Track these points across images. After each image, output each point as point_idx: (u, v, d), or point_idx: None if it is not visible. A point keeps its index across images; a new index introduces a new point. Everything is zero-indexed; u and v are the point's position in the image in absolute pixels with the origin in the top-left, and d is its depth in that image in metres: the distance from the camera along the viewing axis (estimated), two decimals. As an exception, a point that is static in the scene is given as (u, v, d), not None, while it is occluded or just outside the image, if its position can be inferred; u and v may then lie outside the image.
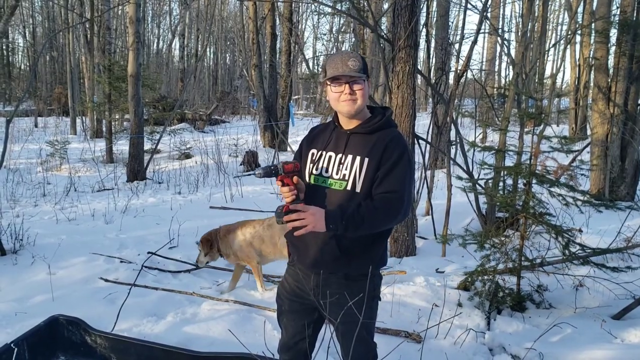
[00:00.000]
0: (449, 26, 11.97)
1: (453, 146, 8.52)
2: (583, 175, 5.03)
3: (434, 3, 10.98)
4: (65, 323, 3.44)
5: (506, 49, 8.95)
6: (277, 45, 15.94)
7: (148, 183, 10.59)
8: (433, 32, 10.87)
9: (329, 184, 2.23)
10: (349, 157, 2.20)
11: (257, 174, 2.15)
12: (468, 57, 6.60)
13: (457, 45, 10.51)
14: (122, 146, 13.85)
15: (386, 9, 11.42)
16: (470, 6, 7.55)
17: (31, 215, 7.39)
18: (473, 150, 4.92)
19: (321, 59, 32.46)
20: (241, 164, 12.38)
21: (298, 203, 2.13)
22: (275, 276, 4.91)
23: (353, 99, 2.17)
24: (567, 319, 3.88)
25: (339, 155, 2.24)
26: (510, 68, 19.75)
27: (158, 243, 5.83)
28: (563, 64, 20.80)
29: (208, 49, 37.06)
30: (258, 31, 14.86)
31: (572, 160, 7.68)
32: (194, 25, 34.61)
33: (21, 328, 3.55)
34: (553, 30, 29.28)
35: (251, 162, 12.20)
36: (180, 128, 18.04)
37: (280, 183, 2.17)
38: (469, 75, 8.28)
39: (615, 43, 8.62)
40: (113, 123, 14.40)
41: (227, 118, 25.33)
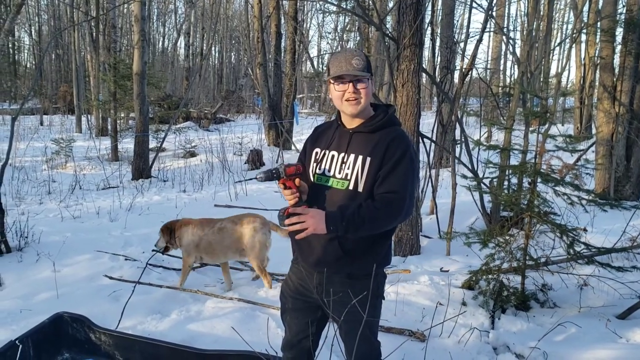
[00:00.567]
0: (454, 25, 11.94)
1: (458, 145, 8.50)
2: (588, 174, 5.01)
3: (439, 1, 10.97)
4: (69, 320, 3.45)
5: (511, 48, 8.92)
6: (282, 43, 15.92)
7: (153, 181, 10.62)
8: (438, 31, 10.86)
9: (332, 184, 2.22)
10: (352, 157, 2.19)
11: (259, 178, 2.16)
12: (473, 56, 6.58)
13: (462, 43, 10.47)
14: (128, 144, 13.89)
15: (391, 8, 11.40)
16: (475, 5, 7.52)
17: (36, 212, 7.42)
18: (478, 149, 4.92)
19: (326, 58, 32.48)
20: (246, 163, 12.39)
21: (300, 205, 2.13)
22: (279, 274, 4.91)
23: (357, 98, 2.16)
24: (572, 319, 3.86)
25: (342, 154, 2.23)
26: (515, 67, 19.70)
27: (162, 241, 5.84)
28: (568, 63, 20.70)
29: (213, 48, 37.16)
30: (263, 30, 14.85)
31: (577, 159, 7.66)
32: (199, 24, 34.66)
33: (26, 325, 3.57)
34: (558, 29, 29.15)
35: (255, 161, 12.21)
36: (185, 126, 18.08)
37: (282, 186, 2.17)
38: (474, 74, 8.25)
39: (621, 42, 8.59)
40: (118, 121, 14.43)
41: (232, 117, 25.35)
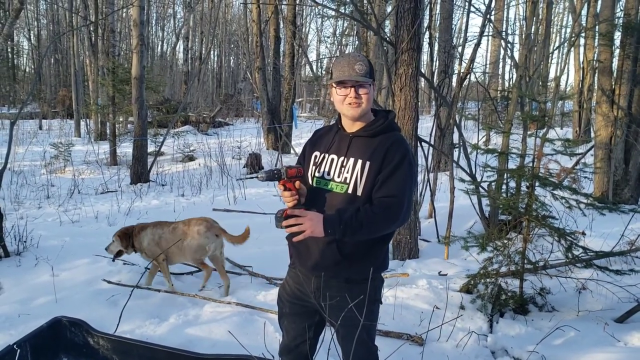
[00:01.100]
0: (452, 29, 11.97)
1: (456, 149, 8.51)
2: (586, 178, 5.02)
3: (437, 6, 10.99)
4: (68, 324, 3.45)
5: (510, 52, 8.94)
6: (281, 48, 15.95)
7: (151, 185, 10.62)
8: (436, 35, 10.88)
9: (331, 187, 2.22)
10: (351, 160, 2.20)
11: (260, 177, 2.16)
12: (471, 60, 6.59)
13: (460, 48, 10.50)
14: (126, 149, 13.89)
15: (389, 12, 11.43)
16: (473, 9, 7.54)
17: (35, 217, 7.41)
18: (476, 152, 4.92)
19: (325, 62, 32.52)
20: (244, 167, 12.40)
21: (299, 208, 2.14)
22: (276, 279, 4.91)
23: (358, 103, 2.17)
24: (570, 322, 3.87)
25: (341, 158, 2.24)
26: (513, 71, 19.75)
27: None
28: (567, 67, 20.77)
29: (212, 52, 37.17)
30: (262, 34, 14.88)
31: (576, 163, 7.68)
32: (198, 28, 34.68)
33: (24, 329, 3.56)
34: (557, 33, 29.28)
35: (254, 165, 12.21)
36: (183, 130, 18.03)
37: (282, 187, 2.18)
38: (472, 77, 8.26)
39: (619, 46, 8.62)
40: (117, 125, 14.43)
41: (231, 120, 25.35)
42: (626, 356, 3.42)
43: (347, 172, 2.19)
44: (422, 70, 5.79)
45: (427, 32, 8.12)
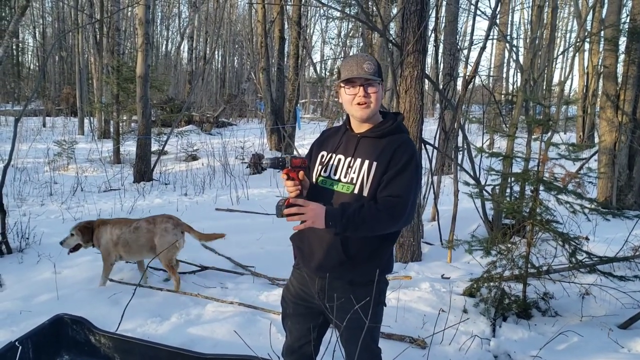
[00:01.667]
0: (458, 32, 11.96)
1: (460, 152, 8.50)
2: (591, 183, 5.01)
3: (443, 8, 10.97)
4: (69, 322, 3.44)
5: (514, 55, 8.92)
6: (285, 48, 15.94)
7: (154, 184, 10.62)
8: (441, 38, 10.86)
9: (336, 187, 2.21)
10: (358, 161, 2.19)
11: (265, 164, 2.16)
12: (477, 63, 6.58)
13: (466, 51, 10.49)
14: (130, 147, 13.89)
15: (395, 14, 11.42)
16: (479, 12, 7.53)
17: (38, 214, 7.42)
18: (480, 156, 4.91)
19: (329, 63, 32.52)
20: (247, 167, 12.40)
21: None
22: (278, 279, 4.90)
23: (367, 103, 2.15)
24: (573, 328, 3.85)
25: (348, 158, 2.23)
26: (518, 75, 19.71)
27: (163, 244, 5.83)
28: (571, 72, 20.74)
29: (216, 52, 37.18)
30: (267, 34, 14.88)
31: (580, 167, 7.65)
32: (203, 28, 34.74)
33: (26, 326, 3.56)
34: (562, 37, 29.25)
35: (257, 165, 12.21)
36: (187, 130, 18.06)
37: (285, 176, 2.16)
38: (477, 81, 8.24)
39: (624, 51, 8.61)
40: (121, 124, 14.45)
41: (234, 121, 25.35)
42: (630, 362, 3.41)
43: (354, 173, 2.18)
44: (427, 72, 5.77)
45: (433, 35, 8.11)
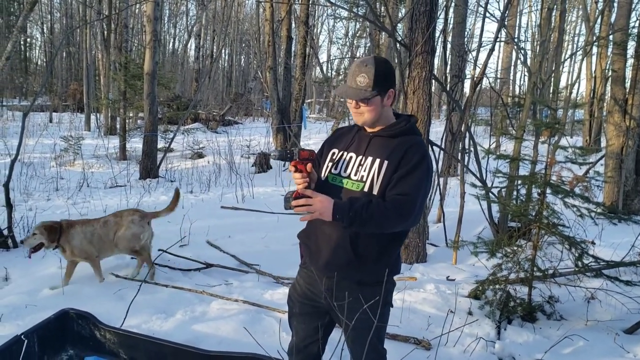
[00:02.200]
0: (466, 34, 11.93)
1: (467, 154, 8.48)
2: (597, 187, 4.99)
3: (451, 10, 10.95)
4: (75, 317, 3.45)
5: (522, 58, 8.90)
6: (293, 48, 15.92)
7: (160, 181, 10.63)
8: (449, 39, 10.84)
9: (346, 184, 2.22)
10: (369, 159, 2.19)
11: (273, 156, 2.19)
12: (485, 65, 6.57)
13: (474, 52, 10.47)
14: (136, 144, 13.92)
15: (404, 14, 11.41)
16: (488, 14, 7.52)
17: (44, 209, 7.43)
18: (487, 158, 4.90)
19: (335, 63, 32.52)
20: (253, 165, 12.40)
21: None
22: (283, 278, 4.90)
23: (359, 113, 2.20)
24: (579, 332, 3.84)
25: (360, 157, 2.23)
26: (525, 77, 19.67)
27: (169, 241, 5.81)
28: (579, 75, 20.66)
29: (223, 50, 37.26)
30: (274, 33, 14.87)
31: (586, 171, 7.63)
32: (210, 26, 34.82)
33: (31, 320, 3.57)
34: (570, 41, 29.17)
35: (263, 164, 12.21)
36: (193, 128, 18.11)
37: (293, 168, 2.18)
38: (485, 83, 8.23)
39: (633, 55, 8.57)
40: (127, 120, 14.47)
41: (240, 119, 25.39)
42: (635, 368, 3.39)
43: (364, 171, 2.18)
44: (434, 73, 5.77)
45: (441, 36, 8.10)
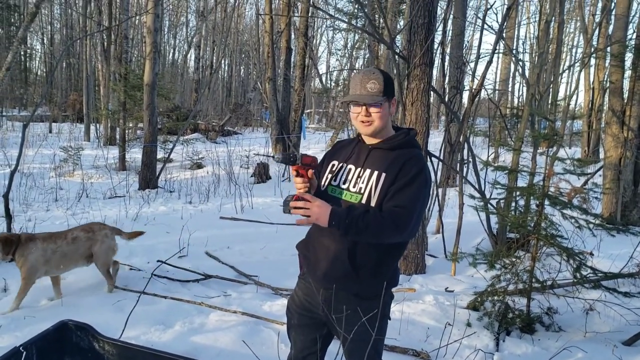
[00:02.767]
0: (464, 45, 12.00)
1: (465, 165, 8.51)
2: (595, 198, 5.01)
3: (450, 22, 11.02)
4: (74, 328, 3.44)
5: (521, 70, 8.95)
6: (292, 59, 16.02)
7: (159, 191, 10.64)
8: (448, 51, 10.90)
9: (345, 196, 2.23)
10: (367, 171, 2.21)
11: (276, 159, 2.21)
12: (483, 77, 6.61)
13: (473, 64, 10.53)
14: (135, 154, 13.94)
15: (402, 27, 11.48)
16: (486, 26, 7.57)
17: (43, 219, 7.44)
18: (486, 169, 4.92)
19: (334, 74, 32.67)
20: (252, 176, 12.42)
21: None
22: (282, 289, 4.90)
23: (369, 121, 2.20)
24: (577, 343, 3.84)
25: (359, 169, 2.25)
26: (524, 89, 19.75)
27: (168, 252, 5.84)
28: (577, 87, 20.76)
29: (223, 61, 37.41)
30: (274, 44, 14.96)
31: (584, 183, 7.64)
32: (210, 37, 34.98)
33: (30, 332, 3.57)
34: (567, 52, 29.32)
35: (262, 174, 12.23)
36: (193, 138, 18.11)
37: (295, 172, 2.21)
38: (483, 94, 8.27)
39: (630, 67, 8.62)
40: (127, 131, 14.50)
41: (240, 130, 25.44)
42: (634, 380, 3.39)
43: (363, 183, 2.20)
44: (433, 85, 5.80)
45: (440, 48, 8.15)
